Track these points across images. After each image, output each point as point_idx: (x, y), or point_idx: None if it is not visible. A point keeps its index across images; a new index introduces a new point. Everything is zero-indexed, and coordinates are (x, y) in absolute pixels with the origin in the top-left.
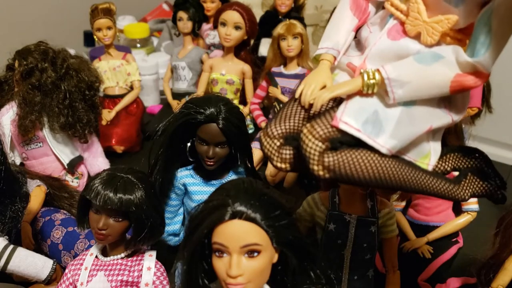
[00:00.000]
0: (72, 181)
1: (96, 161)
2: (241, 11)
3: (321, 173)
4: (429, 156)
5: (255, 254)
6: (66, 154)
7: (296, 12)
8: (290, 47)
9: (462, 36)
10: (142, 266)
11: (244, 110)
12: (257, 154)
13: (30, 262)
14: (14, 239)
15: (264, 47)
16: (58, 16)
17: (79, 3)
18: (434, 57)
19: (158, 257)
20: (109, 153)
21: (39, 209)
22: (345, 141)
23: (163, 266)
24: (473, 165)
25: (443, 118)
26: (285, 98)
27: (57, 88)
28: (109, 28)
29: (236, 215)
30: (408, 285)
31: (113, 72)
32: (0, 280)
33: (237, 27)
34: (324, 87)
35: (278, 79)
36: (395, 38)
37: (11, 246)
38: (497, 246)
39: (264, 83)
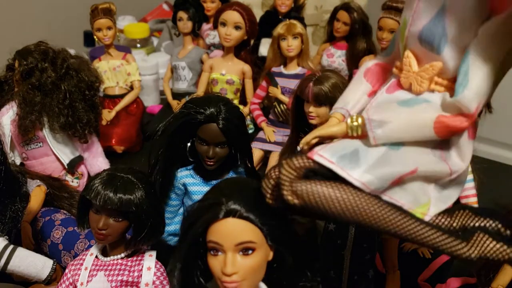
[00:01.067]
0: (72, 181)
1: (96, 161)
2: (241, 11)
3: (289, 198)
4: (427, 206)
5: (250, 252)
6: (66, 154)
7: (296, 12)
8: (290, 47)
9: (454, 84)
10: (142, 266)
11: (244, 110)
12: (257, 154)
13: (30, 262)
14: (14, 239)
15: (264, 47)
16: (58, 16)
17: (79, 3)
18: (419, 100)
19: (158, 257)
20: (109, 153)
21: (39, 209)
22: (320, 173)
23: (163, 266)
24: (488, 226)
25: (435, 163)
26: (285, 98)
27: (57, 88)
28: (109, 28)
29: (230, 213)
30: (408, 285)
31: (113, 72)
32: (0, 280)
33: (237, 27)
34: None
35: (278, 79)
36: (390, 92)
37: (11, 246)
38: None
39: (264, 83)
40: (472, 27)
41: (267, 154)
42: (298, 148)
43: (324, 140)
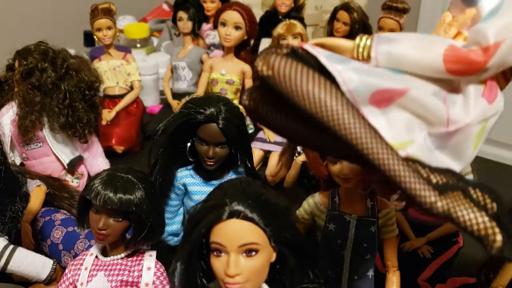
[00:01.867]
0: (72, 181)
1: (96, 161)
2: (241, 11)
3: (264, 68)
4: (407, 145)
5: (253, 253)
6: (66, 154)
7: (296, 12)
8: None
9: None
10: (142, 266)
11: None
12: (257, 154)
13: (30, 262)
14: (14, 239)
15: (264, 47)
16: (58, 16)
17: (79, 3)
18: (435, 36)
19: (158, 257)
20: (109, 153)
21: (39, 209)
22: (303, 58)
23: (163, 266)
24: (472, 193)
25: (432, 97)
26: None
27: (57, 88)
28: (109, 28)
29: (233, 214)
30: (408, 285)
31: (113, 72)
32: (0, 280)
33: (237, 27)
34: None
35: None
36: None
37: (11, 246)
38: None
39: None
40: None
41: (267, 154)
42: (299, 149)
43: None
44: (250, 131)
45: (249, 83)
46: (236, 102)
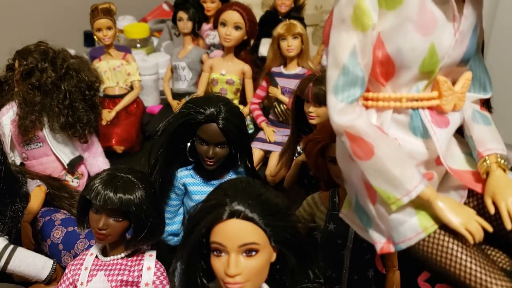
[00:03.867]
0: (72, 181)
1: (96, 161)
2: (241, 11)
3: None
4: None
5: (253, 253)
6: (66, 154)
7: (296, 12)
8: (290, 47)
9: None
10: (142, 266)
11: (244, 110)
12: (257, 154)
13: (30, 262)
14: (14, 239)
15: (264, 47)
16: (58, 16)
17: (79, 3)
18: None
19: (158, 257)
20: (109, 153)
21: (39, 209)
22: None
23: (163, 266)
24: None
25: None
26: (285, 98)
27: (57, 88)
28: (109, 28)
29: (234, 214)
30: (408, 285)
31: (113, 72)
32: (0, 280)
33: (237, 27)
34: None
35: (278, 79)
36: (446, 124)
37: (11, 246)
38: None
39: (264, 83)
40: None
41: (267, 154)
42: (299, 149)
43: None
44: (250, 131)
45: (249, 83)
46: (236, 102)
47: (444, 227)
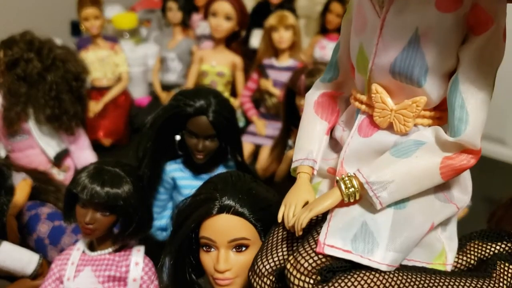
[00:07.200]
0: (59, 175)
1: (83, 154)
2: (232, 2)
3: None
4: (444, 254)
5: (243, 248)
6: (52, 146)
7: (288, 3)
8: (282, 38)
9: (440, 113)
10: (130, 261)
11: (235, 103)
12: (247, 147)
13: (15, 257)
14: None
15: (256, 39)
16: (44, 4)
17: None
18: (414, 145)
19: (146, 252)
20: (96, 146)
21: (25, 203)
22: (337, 267)
23: (151, 261)
24: (502, 250)
25: (445, 209)
26: (276, 91)
27: (43, 79)
28: (96, 18)
29: (224, 209)
30: None
31: (100, 63)
32: None
33: (227, 18)
34: (306, 203)
35: (269, 72)
36: (367, 134)
37: None
38: None
39: (255, 76)
40: (452, 51)
41: (257, 148)
42: (289, 142)
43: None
44: (241, 124)
45: (240, 75)
46: (226, 94)
47: None
